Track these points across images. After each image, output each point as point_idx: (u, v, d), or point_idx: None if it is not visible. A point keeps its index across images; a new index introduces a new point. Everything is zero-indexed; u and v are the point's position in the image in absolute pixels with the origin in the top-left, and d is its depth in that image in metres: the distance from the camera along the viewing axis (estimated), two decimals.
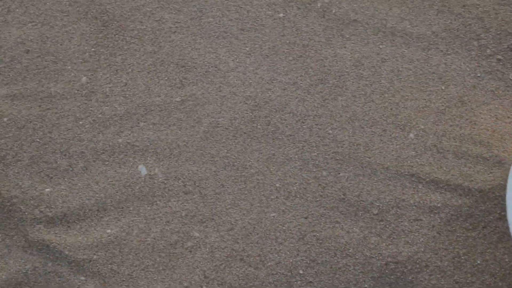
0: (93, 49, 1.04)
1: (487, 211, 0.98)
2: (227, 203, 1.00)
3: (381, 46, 1.05)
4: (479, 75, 1.03)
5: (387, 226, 0.99)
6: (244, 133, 1.02)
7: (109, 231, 0.99)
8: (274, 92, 1.03)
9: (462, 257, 0.97)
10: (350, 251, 0.99)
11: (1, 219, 0.99)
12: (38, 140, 1.01)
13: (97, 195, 1.00)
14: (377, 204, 1.00)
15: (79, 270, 0.97)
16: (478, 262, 0.97)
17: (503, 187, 0.99)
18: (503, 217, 0.98)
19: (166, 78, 1.04)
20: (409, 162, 1.00)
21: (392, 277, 0.97)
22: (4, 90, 1.02)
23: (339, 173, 1.01)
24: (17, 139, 1.01)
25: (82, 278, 0.97)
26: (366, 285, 0.97)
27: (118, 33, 1.04)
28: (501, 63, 1.03)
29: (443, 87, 1.03)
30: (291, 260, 0.98)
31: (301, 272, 0.98)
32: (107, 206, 0.99)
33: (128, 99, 1.03)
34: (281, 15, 1.06)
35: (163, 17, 1.05)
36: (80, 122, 1.02)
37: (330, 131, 1.02)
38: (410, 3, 1.06)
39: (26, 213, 0.99)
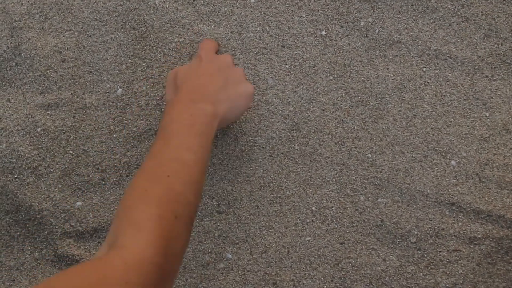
0: (129, 61, 1.02)
1: None
2: (261, 225, 0.98)
3: (424, 69, 1.02)
4: None
5: (425, 255, 0.96)
6: (281, 153, 1.00)
7: None
8: (313, 112, 1.01)
9: None
10: (386, 279, 0.96)
11: (31, 232, 0.97)
12: (71, 152, 0.99)
13: None
14: (416, 232, 0.97)
15: None
16: None
17: None
18: None
19: None
20: (449, 190, 0.98)
21: None
22: (38, 99, 1.00)
23: (377, 199, 0.98)
24: (49, 150, 0.99)
25: None
26: None
27: (156, 44, 1.02)
28: None
29: (487, 114, 1.00)
30: (325, 287, 0.96)
31: None
32: None
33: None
34: (323, 33, 1.03)
35: (202, 29, 1.03)
36: (114, 135, 1.00)
37: (370, 155, 0.99)
38: (455, 25, 1.03)
39: (56, 227, 0.97)
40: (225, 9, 1.04)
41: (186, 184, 0.72)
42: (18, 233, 0.98)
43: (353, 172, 0.99)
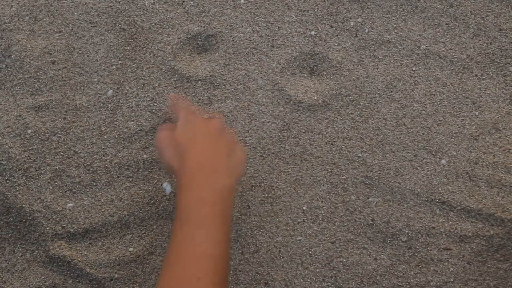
0: (120, 62, 1.02)
1: None
2: (252, 225, 0.98)
3: (414, 69, 1.02)
4: None
5: (416, 254, 0.97)
6: (272, 153, 1.00)
7: (131, 249, 0.96)
8: (303, 113, 1.01)
9: None
10: (377, 278, 0.96)
11: (22, 234, 0.97)
12: (62, 153, 0.99)
13: (120, 212, 0.97)
14: (406, 231, 0.97)
15: None
16: None
17: None
18: None
19: (193, 94, 1.01)
20: (440, 189, 0.98)
21: None
22: (29, 101, 1.00)
23: (368, 198, 0.98)
24: (40, 152, 0.99)
25: None
26: None
27: (146, 45, 1.02)
28: None
29: (476, 113, 1.01)
30: (316, 286, 0.96)
31: None
32: (130, 223, 0.97)
33: (154, 114, 1.01)
34: (313, 32, 1.03)
35: (192, 30, 1.03)
36: (105, 136, 1.00)
37: (360, 154, 1.00)
38: (445, 25, 1.03)
39: (48, 228, 0.97)
40: (215, 9, 1.04)
41: (216, 285, 0.71)
42: (9, 234, 0.97)
43: (344, 171, 0.99)
